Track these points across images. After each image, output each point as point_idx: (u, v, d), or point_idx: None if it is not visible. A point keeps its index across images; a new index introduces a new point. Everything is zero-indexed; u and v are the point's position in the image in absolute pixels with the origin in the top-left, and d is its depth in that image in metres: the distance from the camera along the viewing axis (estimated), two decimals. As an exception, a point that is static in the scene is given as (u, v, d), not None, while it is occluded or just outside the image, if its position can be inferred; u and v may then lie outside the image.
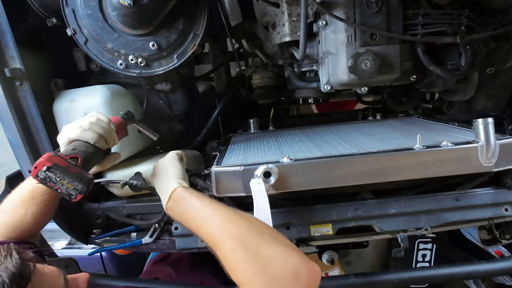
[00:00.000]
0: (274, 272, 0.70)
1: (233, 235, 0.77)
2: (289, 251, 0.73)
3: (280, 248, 0.74)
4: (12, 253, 0.66)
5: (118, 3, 1.04)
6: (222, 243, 0.77)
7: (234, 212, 0.83)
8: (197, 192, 0.92)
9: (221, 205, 0.86)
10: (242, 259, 0.73)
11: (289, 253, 0.73)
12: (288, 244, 0.76)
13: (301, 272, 0.69)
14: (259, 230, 0.79)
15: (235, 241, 0.76)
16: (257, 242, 0.75)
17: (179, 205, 0.90)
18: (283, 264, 0.70)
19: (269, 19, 1.40)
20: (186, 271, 1.67)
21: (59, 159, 0.83)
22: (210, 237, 0.80)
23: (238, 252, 0.74)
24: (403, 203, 1.20)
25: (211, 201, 0.88)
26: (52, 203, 1.03)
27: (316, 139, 1.36)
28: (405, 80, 1.33)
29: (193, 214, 0.86)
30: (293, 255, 0.72)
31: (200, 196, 0.90)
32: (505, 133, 1.15)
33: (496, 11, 1.23)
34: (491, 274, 1.31)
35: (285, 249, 0.74)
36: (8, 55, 1.12)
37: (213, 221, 0.82)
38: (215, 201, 0.88)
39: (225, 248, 0.76)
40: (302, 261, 0.71)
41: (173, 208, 0.91)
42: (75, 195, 0.84)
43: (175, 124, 1.53)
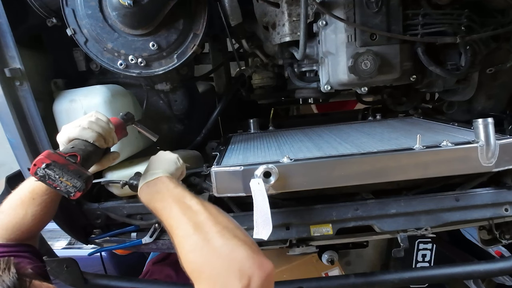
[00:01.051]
0: (217, 266, 0.68)
1: (187, 222, 0.77)
2: (237, 244, 0.70)
3: (230, 240, 0.71)
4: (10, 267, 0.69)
5: (118, 3, 1.04)
6: (177, 228, 0.78)
7: (198, 201, 0.84)
8: (177, 182, 0.93)
9: (190, 194, 0.87)
10: (191, 249, 0.73)
11: (237, 246, 0.70)
12: (241, 238, 0.73)
13: (247, 267, 0.67)
14: (215, 221, 0.77)
15: (188, 228, 0.76)
16: (208, 232, 0.74)
17: (155, 186, 0.92)
18: (228, 258, 0.69)
19: (269, 19, 1.40)
20: (186, 271, 1.67)
21: (58, 156, 0.83)
22: (169, 221, 0.82)
23: (189, 239, 0.74)
24: (403, 203, 1.20)
25: (184, 190, 0.89)
26: (52, 204, 1.03)
27: (316, 139, 1.36)
28: (405, 80, 1.33)
29: (162, 196, 0.88)
30: (242, 249, 0.69)
31: (176, 183, 0.91)
32: (505, 133, 1.15)
33: (496, 11, 1.23)
34: (491, 274, 1.31)
35: (234, 242, 0.71)
36: (8, 55, 1.12)
37: (175, 206, 0.83)
38: (188, 191, 0.89)
39: (178, 234, 0.77)
40: (250, 256, 0.69)
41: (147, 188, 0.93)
42: (74, 192, 0.84)
43: (175, 124, 1.53)
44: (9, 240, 0.99)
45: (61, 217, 1.27)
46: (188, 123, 1.56)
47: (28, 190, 0.98)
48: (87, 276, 1.28)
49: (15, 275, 0.67)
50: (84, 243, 1.42)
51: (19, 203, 0.99)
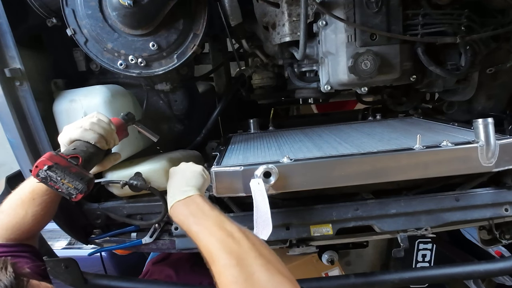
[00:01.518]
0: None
1: (230, 251, 0.74)
2: (283, 282, 0.69)
3: (275, 276, 0.70)
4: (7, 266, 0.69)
5: (118, 3, 1.04)
6: (218, 257, 0.75)
7: (239, 229, 0.81)
8: (210, 203, 0.90)
9: (228, 219, 0.84)
10: (234, 280, 0.70)
11: (283, 283, 0.69)
12: (284, 273, 0.72)
13: None
14: (258, 252, 0.75)
15: (231, 258, 0.73)
16: (252, 265, 0.72)
17: (188, 208, 0.88)
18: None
19: (269, 19, 1.40)
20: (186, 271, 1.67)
21: (60, 158, 0.83)
22: (208, 248, 0.78)
23: (231, 270, 0.71)
24: (403, 203, 1.20)
25: (221, 214, 0.86)
26: (52, 204, 1.03)
27: (316, 139, 1.36)
28: (405, 80, 1.33)
29: (198, 220, 0.84)
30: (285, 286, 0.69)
31: (212, 206, 0.88)
32: (505, 133, 1.15)
33: (496, 11, 1.23)
34: (491, 274, 1.31)
35: (280, 278, 0.70)
36: (8, 55, 1.12)
37: (215, 232, 0.80)
38: (225, 215, 0.86)
39: (219, 264, 0.74)
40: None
41: (180, 208, 0.89)
42: (76, 194, 0.84)
43: (175, 124, 1.53)
44: (9, 240, 0.99)
45: (61, 217, 1.27)
46: (188, 123, 1.56)
47: (29, 190, 0.99)
48: (87, 276, 1.28)
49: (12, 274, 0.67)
50: (84, 243, 1.42)
51: (19, 203, 0.99)
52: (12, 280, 0.66)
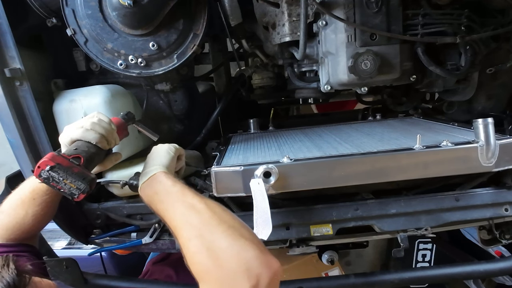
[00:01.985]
0: (225, 267, 0.67)
1: (191, 223, 0.76)
2: (245, 244, 0.69)
3: (237, 241, 0.70)
4: (9, 263, 0.69)
5: (118, 3, 1.04)
6: (181, 230, 0.76)
7: (201, 200, 0.82)
8: (174, 178, 0.91)
9: (191, 191, 0.85)
10: (197, 250, 0.71)
11: (244, 246, 0.69)
12: (247, 237, 0.72)
13: (255, 267, 0.66)
14: (219, 220, 0.75)
15: (192, 230, 0.74)
16: (213, 233, 0.72)
17: (153, 187, 0.90)
18: (236, 258, 0.67)
19: (269, 19, 1.40)
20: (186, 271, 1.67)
21: (62, 158, 0.84)
22: (173, 223, 0.80)
23: (194, 242, 0.72)
24: (403, 203, 1.20)
25: (183, 187, 0.87)
26: (53, 204, 1.03)
27: (316, 139, 1.36)
28: (405, 80, 1.33)
29: (163, 197, 0.86)
30: (248, 248, 0.69)
31: (174, 181, 0.89)
32: (505, 133, 1.15)
33: (496, 11, 1.23)
34: (491, 274, 1.31)
35: (241, 242, 0.70)
36: (8, 55, 1.12)
37: (177, 207, 0.81)
38: (187, 188, 0.87)
39: (183, 236, 0.75)
40: (258, 255, 0.68)
41: (145, 188, 0.92)
42: (78, 194, 0.84)
43: (175, 124, 1.53)
44: (9, 240, 0.99)
45: (61, 217, 1.27)
46: (188, 123, 1.56)
47: (29, 190, 0.99)
48: (87, 276, 1.28)
49: (15, 271, 0.68)
50: (84, 243, 1.42)
51: (20, 203, 0.99)
52: (15, 276, 0.67)
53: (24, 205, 0.99)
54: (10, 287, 0.65)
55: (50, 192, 0.98)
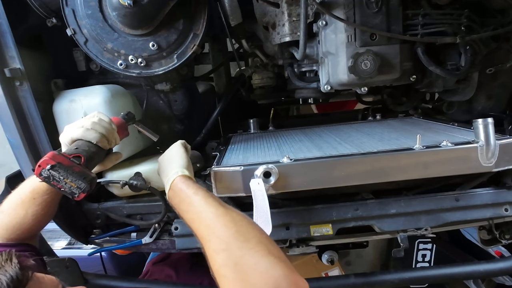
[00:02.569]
0: (253, 284, 0.65)
1: (218, 236, 0.75)
2: (274, 262, 0.67)
3: (265, 258, 0.68)
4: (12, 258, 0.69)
5: (118, 3, 1.04)
6: (208, 242, 0.76)
7: (225, 211, 0.81)
8: (194, 184, 0.91)
9: (215, 200, 0.85)
10: (223, 263, 0.70)
11: (273, 265, 0.67)
12: (275, 254, 0.70)
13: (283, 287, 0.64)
14: (247, 234, 0.74)
15: (220, 243, 0.73)
16: (242, 249, 0.71)
17: (176, 196, 0.90)
18: (264, 276, 0.65)
19: (269, 19, 1.40)
20: (186, 271, 1.67)
21: (63, 158, 0.84)
22: (199, 233, 0.80)
23: (221, 255, 0.72)
24: (403, 203, 1.20)
25: (205, 195, 0.86)
26: (53, 204, 1.03)
27: (316, 139, 1.36)
28: (405, 80, 1.33)
29: (187, 207, 0.86)
30: (277, 267, 0.66)
31: (196, 189, 0.88)
32: (505, 133, 1.15)
33: (496, 11, 1.23)
34: (491, 274, 1.31)
35: (270, 260, 0.68)
36: (8, 55, 1.12)
37: (203, 218, 0.81)
38: (210, 196, 0.86)
39: (210, 248, 0.75)
40: (287, 275, 0.66)
41: (171, 198, 0.92)
42: (78, 193, 0.84)
43: (175, 124, 1.53)
44: (9, 240, 0.99)
45: (61, 217, 1.27)
46: (188, 123, 1.56)
47: (29, 190, 0.98)
48: (87, 276, 1.28)
49: (17, 265, 0.67)
50: (84, 243, 1.42)
51: (20, 203, 0.99)
52: (18, 271, 0.67)
53: (24, 205, 0.98)
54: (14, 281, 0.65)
55: (50, 191, 0.98)
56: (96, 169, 1.01)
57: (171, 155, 1.02)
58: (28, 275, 0.68)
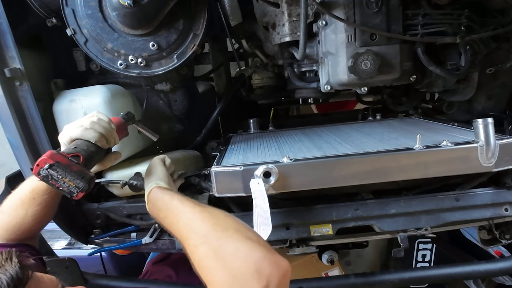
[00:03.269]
0: (235, 268, 0.67)
1: (196, 231, 0.77)
2: (252, 246, 0.70)
3: (244, 243, 0.71)
4: (12, 257, 0.69)
5: (118, 3, 1.04)
6: (187, 239, 0.78)
7: (202, 208, 0.83)
8: (170, 191, 0.94)
9: (190, 201, 0.87)
10: (204, 255, 0.72)
11: (252, 248, 0.69)
12: (253, 239, 0.73)
13: (264, 268, 0.66)
14: (224, 225, 0.77)
15: (198, 237, 0.76)
16: (219, 238, 0.73)
17: (154, 205, 0.93)
18: (244, 260, 0.68)
19: (269, 19, 1.40)
20: (186, 271, 1.67)
21: (61, 157, 0.84)
22: (179, 234, 0.82)
23: (201, 248, 0.73)
24: (403, 203, 1.20)
25: (181, 199, 0.88)
26: (53, 204, 1.03)
27: (316, 139, 1.36)
28: (405, 80, 1.33)
29: (165, 213, 0.88)
30: (256, 250, 0.69)
31: (171, 195, 0.91)
32: (505, 133, 1.15)
33: (496, 11, 1.24)
34: (491, 274, 1.31)
35: (248, 244, 0.70)
36: (8, 55, 1.12)
37: (180, 218, 0.83)
38: (186, 198, 0.89)
39: (189, 244, 0.77)
40: (266, 255, 0.68)
41: (151, 210, 0.94)
42: (77, 193, 0.84)
43: (175, 124, 1.53)
44: (9, 240, 0.99)
45: (61, 217, 1.27)
46: (188, 123, 1.56)
47: (29, 190, 0.98)
48: (87, 276, 1.28)
49: (18, 265, 0.68)
50: (84, 243, 1.42)
51: (19, 203, 0.99)
52: (18, 270, 0.67)
53: (24, 205, 0.98)
54: (14, 280, 0.66)
55: (50, 191, 0.98)
56: (95, 168, 1.01)
57: (148, 170, 1.05)
58: (28, 274, 0.69)
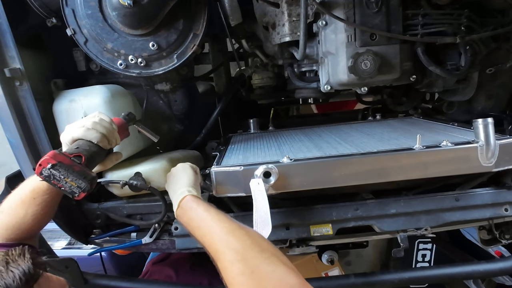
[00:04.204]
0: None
1: (234, 248, 0.77)
2: (288, 272, 0.72)
3: (279, 267, 0.73)
4: (25, 253, 0.72)
5: (118, 3, 1.04)
6: (223, 254, 0.78)
7: (239, 226, 0.84)
8: (204, 202, 0.93)
9: (226, 217, 0.87)
10: (240, 272, 0.73)
11: (288, 274, 0.72)
12: (288, 265, 0.75)
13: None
14: (261, 246, 0.78)
15: (235, 254, 0.76)
16: (257, 258, 0.75)
17: (186, 214, 0.92)
18: (279, 283, 0.70)
19: (269, 19, 1.40)
20: (186, 271, 1.67)
21: (64, 157, 0.84)
22: (213, 247, 0.81)
23: (237, 265, 0.74)
24: (403, 203, 1.20)
25: (217, 213, 0.88)
26: (53, 203, 1.03)
27: (316, 139, 1.36)
28: (405, 80, 1.33)
29: (198, 223, 0.88)
30: (292, 276, 0.71)
31: (207, 207, 0.91)
32: (505, 133, 1.15)
33: (496, 11, 1.24)
34: (491, 274, 1.31)
35: (285, 269, 0.73)
36: (8, 55, 1.12)
37: (216, 232, 0.83)
38: (222, 213, 0.89)
39: (225, 259, 0.77)
40: (301, 284, 0.70)
41: (180, 216, 0.94)
42: (79, 193, 0.84)
43: (175, 124, 1.53)
44: (9, 240, 0.98)
45: (61, 217, 1.27)
46: (188, 123, 1.56)
47: (29, 189, 0.98)
48: (87, 276, 1.28)
49: (30, 261, 0.70)
50: (84, 243, 1.42)
51: (19, 203, 0.99)
52: (30, 265, 0.69)
53: (24, 204, 0.98)
54: (26, 275, 0.68)
55: (50, 191, 0.98)
56: (97, 169, 1.01)
57: (178, 172, 1.04)
58: (39, 272, 0.71)
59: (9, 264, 0.70)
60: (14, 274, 0.67)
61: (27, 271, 0.68)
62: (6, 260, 0.71)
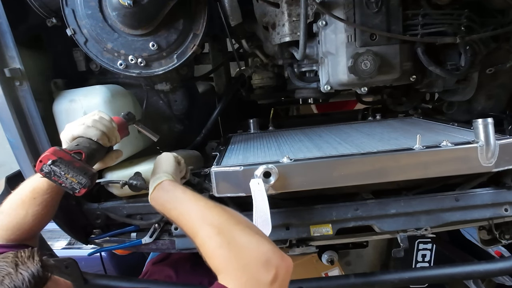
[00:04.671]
0: (247, 258, 0.74)
1: (210, 223, 0.81)
2: (262, 240, 0.77)
3: (254, 237, 0.78)
4: (34, 255, 0.73)
5: (118, 3, 1.04)
6: (200, 230, 0.81)
7: (215, 204, 0.87)
8: (181, 186, 0.96)
9: (202, 197, 0.91)
10: (218, 245, 0.77)
11: (262, 242, 0.77)
12: (262, 235, 0.81)
13: (272, 260, 0.73)
14: (236, 220, 0.83)
15: (212, 228, 0.79)
16: (233, 231, 0.79)
17: (162, 196, 0.94)
18: (256, 251, 0.75)
19: (269, 19, 1.40)
20: (186, 271, 1.67)
21: (64, 153, 0.84)
22: (189, 224, 0.84)
23: (215, 238, 0.78)
24: (403, 203, 1.20)
25: (194, 194, 0.92)
26: (53, 203, 1.03)
27: (316, 139, 1.36)
28: (405, 80, 1.33)
29: (175, 204, 0.90)
30: (265, 244, 0.76)
31: (183, 189, 0.93)
32: (505, 133, 1.15)
33: (496, 11, 1.24)
34: (491, 274, 1.31)
35: (258, 238, 0.78)
36: (8, 55, 1.12)
37: (193, 210, 0.86)
38: (198, 194, 0.92)
39: (202, 235, 0.80)
40: (274, 250, 0.76)
41: (155, 198, 0.95)
42: (79, 189, 0.85)
43: (175, 124, 1.53)
44: (9, 241, 0.98)
45: (61, 217, 1.27)
46: (188, 123, 1.56)
47: (29, 189, 0.98)
48: (87, 276, 1.28)
49: (39, 263, 0.71)
50: (84, 243, 1.42)
51: (20, 203, 0.99)
52: (39, 268, 0.70)
53: (24, 205, 0.98)
54: (35, 277, 0.69)
55: (50, 191, 0.98)
56: (97, 166, 1.01)
57: (161, 160, 1.06)
58: (47, 274, 0.71)
59: (19, 266, 0.70)
60: (24, 276, 0.68)
61: (36, 274, 0.69)
62: (15, 262, 0.71)
